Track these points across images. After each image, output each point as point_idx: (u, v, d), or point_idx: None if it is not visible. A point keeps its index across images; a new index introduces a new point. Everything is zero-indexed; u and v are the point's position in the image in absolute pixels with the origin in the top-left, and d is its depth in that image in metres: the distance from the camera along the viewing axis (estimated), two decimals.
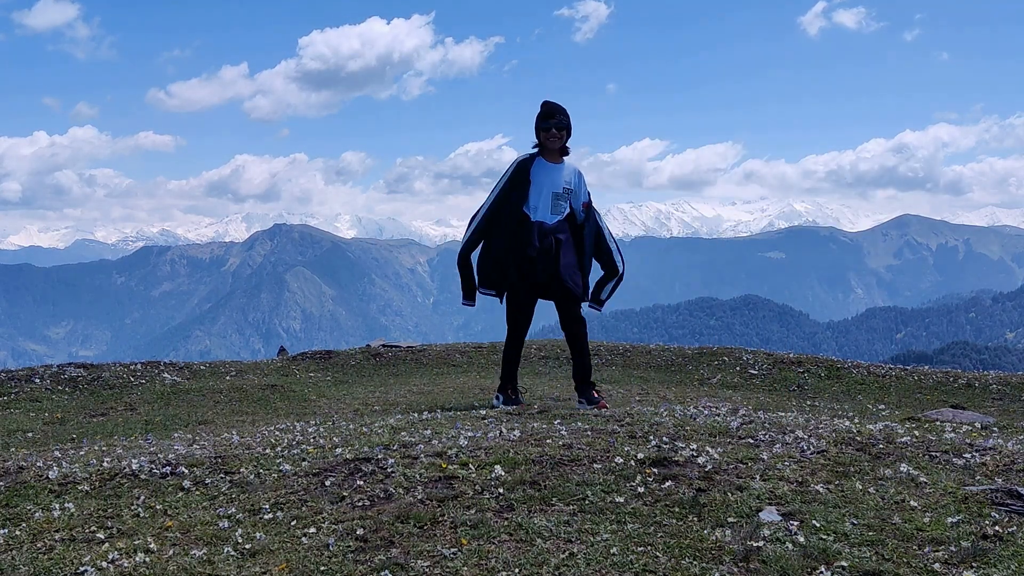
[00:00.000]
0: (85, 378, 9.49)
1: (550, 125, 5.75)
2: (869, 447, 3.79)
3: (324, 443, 4.16)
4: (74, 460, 4.25)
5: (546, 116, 5.78)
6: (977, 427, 4.74)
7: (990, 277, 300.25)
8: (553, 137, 5.77)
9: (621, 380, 9.57)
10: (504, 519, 2.90)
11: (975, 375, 10.48)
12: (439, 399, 7.82)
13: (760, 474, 3.34)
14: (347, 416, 6.47)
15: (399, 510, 3.02)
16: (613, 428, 4.29)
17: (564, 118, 5.81)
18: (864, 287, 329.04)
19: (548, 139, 5.77)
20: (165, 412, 7.75)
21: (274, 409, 7.93)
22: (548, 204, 5.74)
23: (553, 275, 5.71)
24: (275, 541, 2.81)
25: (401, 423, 4.89)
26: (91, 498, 3.44)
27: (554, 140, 5.78)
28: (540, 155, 5.84)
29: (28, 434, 6.73)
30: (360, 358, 11.29)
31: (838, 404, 8.20)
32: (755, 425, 4.38)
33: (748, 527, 2.77)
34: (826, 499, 3.04)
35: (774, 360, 10.68)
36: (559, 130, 5.77)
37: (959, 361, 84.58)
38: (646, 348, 12.03)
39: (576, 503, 3.04)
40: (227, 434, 5.20)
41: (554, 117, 5.77)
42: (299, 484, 3.43)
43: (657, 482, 3.23)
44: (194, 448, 4.45)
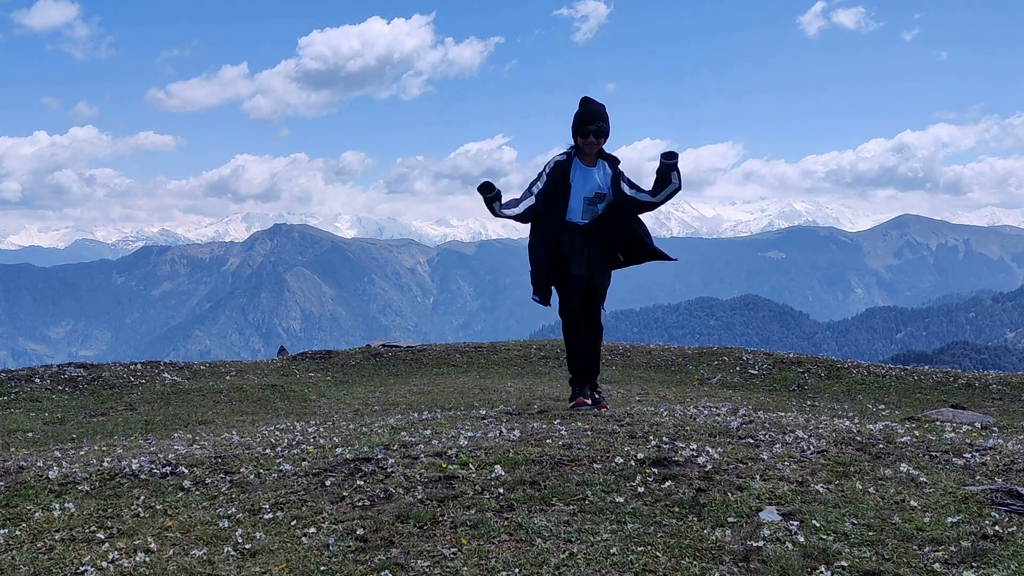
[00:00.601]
0: (85, 378, 9.49)
1: (589, 132, 5.50)
2: (869, 447, 3.79)
3: (324, 443, 4.17)
4: (74, 460, 4.25)
5: (585, 120, 5.52)
6: (977, 427, 4.74)
7: (990, 277, 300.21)
8: (591, 144, 5.54)
9: (621, 380, 9.57)
10: (504, 519, 2.90)
11: (975, 375, 10.49)
12: (439, 399, 7.82)
13: (760, 474, 3.34)
14: (347, 416, 6.47)
15: (399, 510, 3.02)
16: (613, 428, 4.29)
17: (604, 124, 5.56)
18: (864, 287, 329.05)
19: (586, 145, 5.55)
20: (165, 412, 7.75)
21: (274, 409, 7.93)
22: (580, 208, 5.60)
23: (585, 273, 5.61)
24: (275, 541, 2.81)
25: (401, 423, 4.90)
26: (91, 498, 3.44)
27: (592, 147, 5.56)
28: (577, 156, 5.63)
29: (28, 434, 6.73)
30: (360, 358, 11.29)
31: (838, 404, 8.20)
32: (755, 425, 4.38)
33: (748, 527, 2.77)
34: (826, 499, 3.04)
35: (774, 360, 10.68)
36: (598, 137, 5.53)
37: (959, 361, 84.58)
38: (646, 348, 12.03)
39: (576, 503, 3.04)
40: (227, 434, 5.20)
41: (593, 123, 5.50)
42: (299, 484, 3.43)
43: (657, 482, 3.23)
44: (194, 448, 4.45)
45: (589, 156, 5.61)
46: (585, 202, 5.61)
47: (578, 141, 5.56)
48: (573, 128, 5.58)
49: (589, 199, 5.61)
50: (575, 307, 5.73)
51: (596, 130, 5.49)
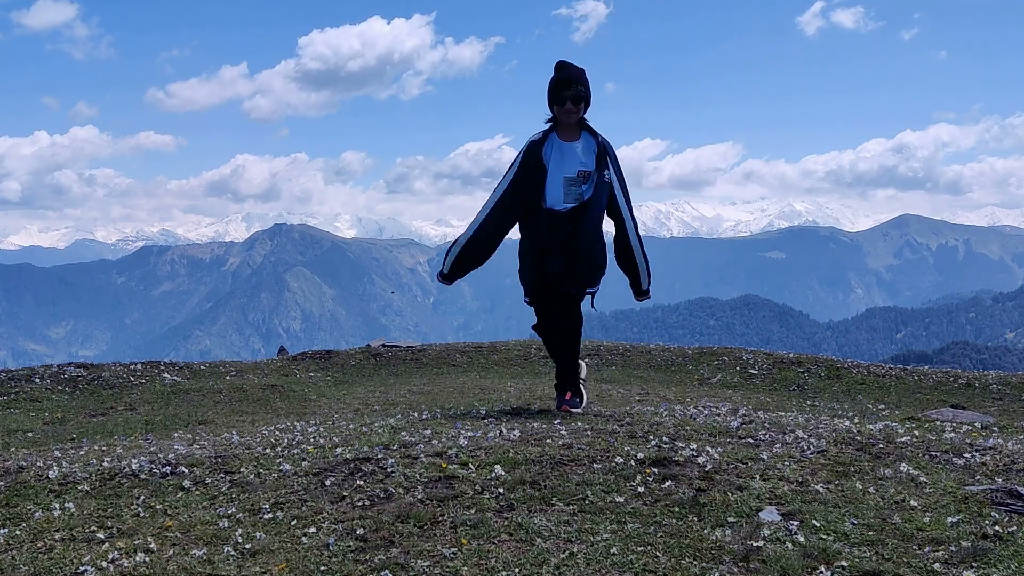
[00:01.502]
0: (85, 378, 9.50)
1: (565, 98, 4.86)
2: (869, 447, 3.79)
3: (324, 443, 4.17)
4: (74, 460, 4.25)
5: (561, 86, 4.87)
6: (977, 427, 4.75)
7: (990, 277, 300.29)
8: (569, 112, 4.89)
9: (621, 380, 9.57)
10: (504, 519, 2.90)
11: (975, 375, 10.49)
12: (439, 399, 7.82)
13: (760, 474, 3.34)
14: (347, 416, 6.47)
15: (399, 510, 3.02)
16: (613, 428, 4.30)
17: (582, 88, 4.87)
18: (864, 287, 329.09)
19: (563, 114, 4.90)
20: (165, 412, 7.75)
21: (274, 409, 7.93)
22: (561, 191, 4.91)
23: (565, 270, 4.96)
24: (275, 541, 2.81)
25: (401, 423, 4.89)
26: (91, 498, 3.44)
27: (570, 115, 4.90)
28: (555, 130, 4.99)
29: (28, 434, 6.73)
30: (360, 358, 11.29)
31: (838, 404, 8.20)
32: (755, 425, 4.38)
33: (748, 527, 2.77)
34: (826, 499, 3.04)
35: (774, 360, 10.68)
36: (576, 103, 4.86)
37: (959, 361, 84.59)
38: (646, 348, 12.03)
39: (576, 503, 3.04)
40: (227, 434, 5.20)
41: (570, 87, 4.84)
42: (299, 484, 3.43)
43: (657, 482, 3.23)
44: (194, 448, 4.45)
45: (569, 129, 4.97)
46: (566, 183, 4.91)
47: (554, 111, 4.93)
48: (548, 96, 4.94)
49: (571, 179, 4.92)
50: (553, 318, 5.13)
51: (574, 95, 4.85)
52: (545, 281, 5.03)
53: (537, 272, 5.04)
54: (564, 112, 4.89)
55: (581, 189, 4.92)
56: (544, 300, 5.10)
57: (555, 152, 4.93)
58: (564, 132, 4.97)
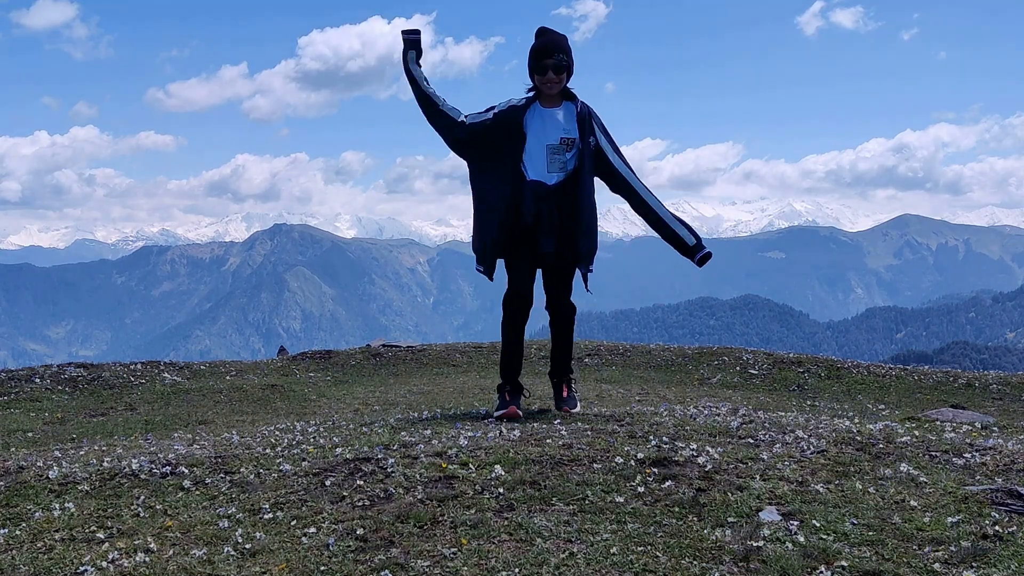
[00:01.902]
0: (85, 378, 9.50)
1: (547, 67, 4.60)
2: (869, 447, 3.79)
3: (324, 443, 4.16)
4: (74, 460, 4.25)
5: (543, 53, 4.61)
6: (977, 427, 4.74)
7: (990, 277, 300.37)
8: (550, 81, 4.63)
9: (621, 380, 9.57)
10: (504, 519, 2.90)
11: (975, 375, 10.49)
12: (439, 399, 7.82)
13: (760, 474, 3.34)
14: (347, 416, 6.47)
15: (399, 510, 3.02)
16: (613, 428, 4.29)
17: (564, 56, 4.62)
18: (864, 287, 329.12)
19: (544, 84, 4.64)
20: (165, 412, 7.76)
21: (274, 409, 7.94)
22: (544, 161, 4.64)
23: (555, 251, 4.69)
24: (275, 541, 2.81)
25: (401, 423, 4.89)
26: (91, 498, 3.43)
27: (551, 85, 4.65)
28: (537, 99, 4.73)
29: (28, 434, 6.73)
30: (360, 358, 11.29)
31: (838, 404, 8.20)
32: (755, 425, 4.38)
33: (748, 527, 2.77)
34: (826, 499, 3.04)
35: (774, 360, 10.69)
36: (558, 72, 4.61)
37: (959, 361, 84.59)
38: (646, 348, 12.03)
39: (576, 503, 3.04)
40: (227, 434, 5.20)
41: (552, 55, 4.59)
42: (299, 484, 3.42)
43: (657, 482, 3.23)
44: (194, 448, 4.45)
45: (551, 98, 4.71)
46: (549, 151, 4.64)
47: (536, 80, 4.67)
48: (529, 65, 4.69)
49: (553, 147, 4.65)
50: (526, 293, 4.76)
51: (555, 64, 4.59)
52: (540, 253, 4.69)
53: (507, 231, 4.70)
54: (545, 82, 4.64)
55: (565, 158, 4.67)
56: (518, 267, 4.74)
57: (536, 120, 4.69)
58: (546, 101, 4.74)
